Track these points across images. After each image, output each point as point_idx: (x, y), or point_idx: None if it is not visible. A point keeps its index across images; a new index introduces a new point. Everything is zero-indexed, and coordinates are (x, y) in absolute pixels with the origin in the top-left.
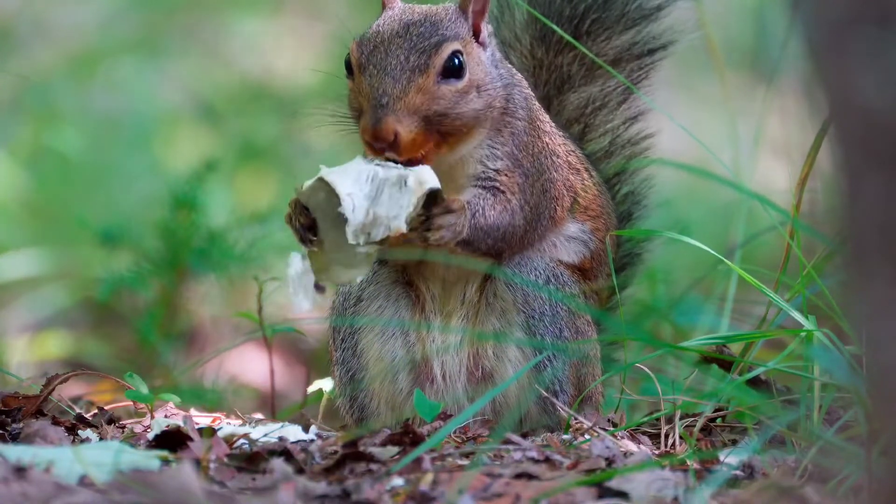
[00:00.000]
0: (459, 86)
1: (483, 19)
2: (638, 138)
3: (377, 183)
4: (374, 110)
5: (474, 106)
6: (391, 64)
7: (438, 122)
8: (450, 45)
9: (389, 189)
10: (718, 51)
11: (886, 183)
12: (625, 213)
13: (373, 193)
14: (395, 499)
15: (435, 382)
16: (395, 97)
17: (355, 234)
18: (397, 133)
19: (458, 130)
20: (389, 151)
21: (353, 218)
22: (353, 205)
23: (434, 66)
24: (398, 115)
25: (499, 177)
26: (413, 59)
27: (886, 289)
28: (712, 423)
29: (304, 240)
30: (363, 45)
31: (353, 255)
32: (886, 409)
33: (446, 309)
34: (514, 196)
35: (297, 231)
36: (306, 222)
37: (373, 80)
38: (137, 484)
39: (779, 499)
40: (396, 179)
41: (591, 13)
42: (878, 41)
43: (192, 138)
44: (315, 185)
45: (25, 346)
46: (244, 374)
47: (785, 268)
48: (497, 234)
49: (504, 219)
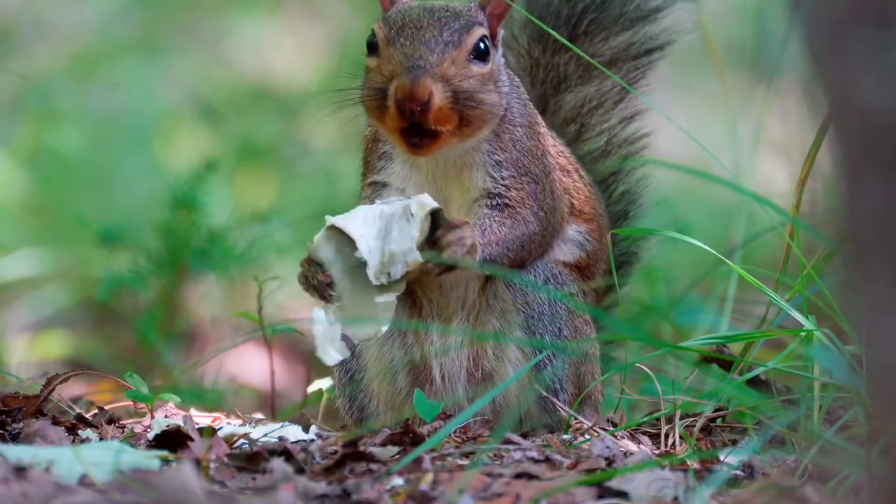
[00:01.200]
0: (485, 70)
1: (500, 24)
2: (634, 138)
3: (385, 220)
4: (410, 70)
5: (493, 97)
6: (425, 36)
7: (465, 101)
8: (479, 29)
9: (398, 223)
10: (718, 51)
11: (886, 183)
12: (621, 213)
13: (383, 232)
14: (395, 498)
15: (434, 384)
16: (431, 62)
17: (377, 276)
18: (432, 94)
19: (477, 119)
20: (418, 117)
21: (371, 259)
22: (368, 247)
23: (466, 43)
24: (434, 77)
25: (508, 192)
26: (446, 35)
27: (886, 289)
28: (712, 423)
29: (325, 297)
30: (390, 22)
31: (373, 305)
32: (886, 409)
33: (445, 313)
34: (524, 207)
35: (316, 290)
36: (324, 279)
37: (406, 48)
38: (137, 484)
39: (779, 499)
40: (402, 212)
41: (589, 13)
42: (878, 41)
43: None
44: (325, 234)
45: (25, 346)
46: (244, 374)
47: (785, 268)
48: (515, 246)
49: (517, 230)
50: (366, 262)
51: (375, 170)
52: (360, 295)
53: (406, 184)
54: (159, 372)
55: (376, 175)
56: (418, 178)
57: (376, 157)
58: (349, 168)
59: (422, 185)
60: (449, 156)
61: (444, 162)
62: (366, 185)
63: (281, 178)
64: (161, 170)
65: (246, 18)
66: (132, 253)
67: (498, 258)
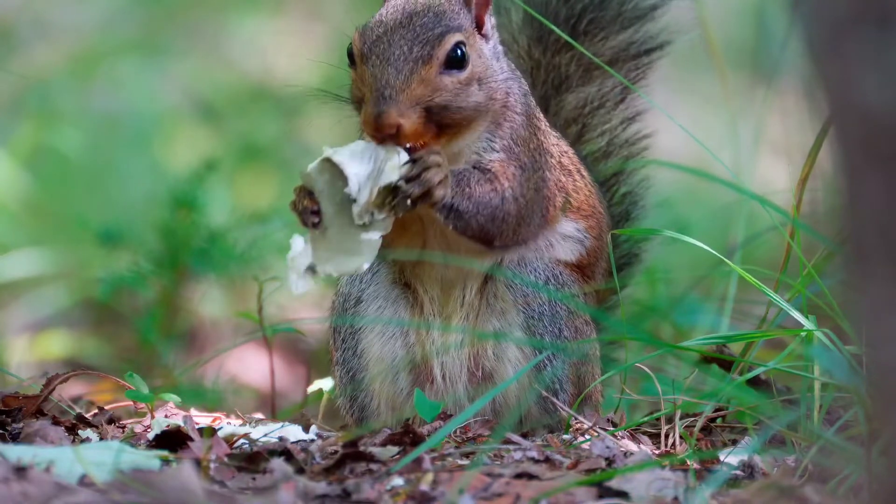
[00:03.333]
0: (462, 77)
1: (487, 11)
2: (635, 138)
3: (379, 162)
4: (376, 102)
5: (476, 98)
6: (394, 54)
7: (439, 113)
8: (453, 36)
9: (389, 165)
10: (719, 50)
11: (886, 183)
12: (622, 214)
13: (374, 172)
14: (396, 498)
15: (435, 383)
16: (397, 88)
17: (360, 215)
18: (399, 125)
19: (458, 123)
20: (391, 141)
21: (360, 197)
22: (359, 184)
23: (437, 57)
24: (400, 106)
25: (492, 164)
26: (416, 50)
27: (886, 289)
28: (712, 423)
29: (307, 222)
30: (366, 35)
31: (358, 242)
32: (886, 409)
33: (445, 311)
34: (505, 181)
35: (300, 214)
36: (311, 205)
37: (375, 70)
38: (138, 484)
39: (779, 499)
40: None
41: (588, 13)
42: (878, 41)
43: (192, 138)
44: (320, 165)
45: (25, 346)
46: (244, 374)
47: (785, 268)
48: (486, 213)
49: (493, 199)
50: (354, 199)
51: None
52: (346, 229)
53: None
54: (159, 372)
55: None
56: None
57: None
58: None
59: None
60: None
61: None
62: None
63: (281, 178)
64: (161, 170)
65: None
66: (132, 253)
67: (466, 215)
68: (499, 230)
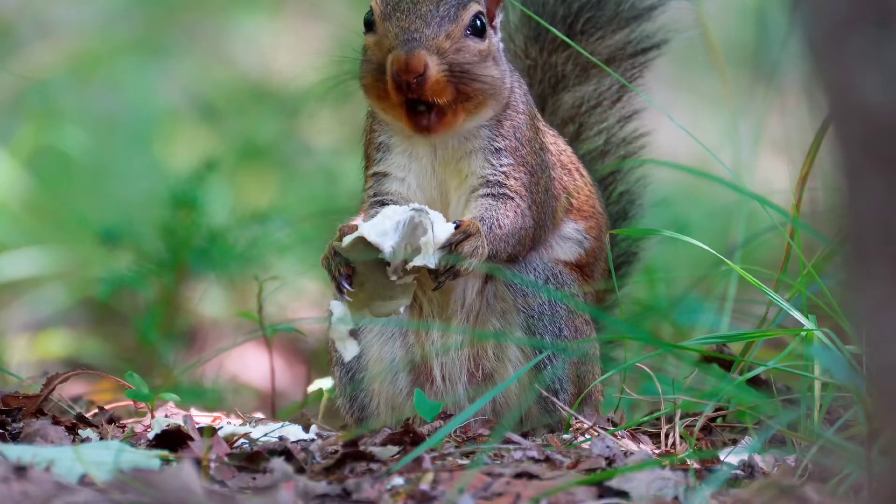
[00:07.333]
0: (482, 46)
1: (498, 7)
2: (633, 137)
3: (410, 226)
4: (405, 43)
5: (493, 72)
6: (421, 10)
7: (461, 75)
8: (475, 5)
9: (423, 241)
10: (718, 50)
11: (886, 183)
12: (620, 213)
13: (407, 237)
14: (396, 498)
15: (435, 384)
16: (427, 35)
17: (396, 271)
18: (427, 66)
19: (475, 95)
20: (415, 90)
21: (394, 261)
22: (392, 250)
23: (462, 18)
24: (429, 49)
25: (507, 180)
26: (443, 9)
27: (886, 288)
28: (712, 423)
29: (342, 289)
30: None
31: (393, 287)
32: (886, 408)
33: (445, 313)
34: (522, 199)
35: (335, 279)
36: (347, 272)
37: (402, 22)
38: (138, 483)
39: (779, 498)
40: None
41: (585, 12)
42: (878, 41)
43: (192, 138)
44: (354, 241)
45: (25, 345)
46: (244, 374)
47: (785, 267)
48: (513, 241)
49: (517, 223)
50: (388, 263)
51: (375, 161)
52: (381, 281)
53: (406, 173)
54: (159, 371)
55: (376, 166)
56: (417, 167)
57: (374, 149)
58: (350, 167)
59: (421, 174)
60: (448, 144)
61: (443, 150)
62: (368, 177)
63: (281, 177)
64: (161, 169)
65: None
66: (132, 253)
67: (496, 254)
68: (522, 246)
